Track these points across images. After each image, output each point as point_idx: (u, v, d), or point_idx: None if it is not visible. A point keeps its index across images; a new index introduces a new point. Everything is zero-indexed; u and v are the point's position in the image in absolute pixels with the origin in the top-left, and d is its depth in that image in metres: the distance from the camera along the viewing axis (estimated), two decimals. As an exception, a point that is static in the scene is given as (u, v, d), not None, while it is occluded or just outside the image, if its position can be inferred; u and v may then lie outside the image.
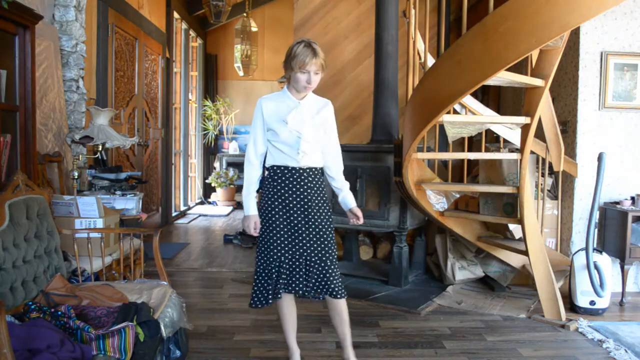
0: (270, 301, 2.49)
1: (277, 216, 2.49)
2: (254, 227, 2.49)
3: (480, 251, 4.12)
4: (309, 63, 2.36)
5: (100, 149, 3.92)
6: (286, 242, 2.49)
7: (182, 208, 8.17)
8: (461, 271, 4.17)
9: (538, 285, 3.47)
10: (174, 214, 7.52)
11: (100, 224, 3.12)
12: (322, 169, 2.60)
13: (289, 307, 2.61)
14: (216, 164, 9.41)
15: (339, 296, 2.50)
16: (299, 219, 2.48)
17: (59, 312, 2.04)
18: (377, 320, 3.43)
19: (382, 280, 4.25)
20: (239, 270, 4.70)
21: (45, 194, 2.67)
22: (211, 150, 9.52)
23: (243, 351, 2.91)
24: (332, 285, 2.49)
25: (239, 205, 9.03)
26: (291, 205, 2.48)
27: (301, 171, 2.49)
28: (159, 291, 2.52)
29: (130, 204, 3.74)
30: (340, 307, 2.56)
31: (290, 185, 2.48)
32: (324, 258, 2.49)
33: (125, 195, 3.80)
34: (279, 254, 2.48)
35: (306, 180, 2.49)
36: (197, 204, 9.06)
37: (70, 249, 2.86)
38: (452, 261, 4.20)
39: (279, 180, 2.49)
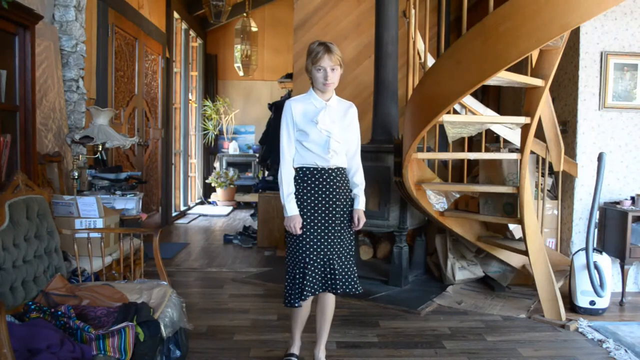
0: (304, 298, 2.49)
1: (309, 217, 2.54)
2: (298, 226, 2.51)
3: (480, 251, 4.12)
4: (322, 58, 2.44)
5: (100, 149, 3.92)
6: (313, 242, 2.53)
7: (182, 208, 8.17)
8: (461, 271, 4.17)
9: (538, 285, 3.47)
10: (174, 214, 7.52)
11: (100, 224, 3.12)
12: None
13: (306, 309, 2.65)
14: (216, 164, 9.41)
15: (354, 290, 2.59)
16: (326, 218, 2.54)
17: (59, 312, 2.04)
18: (377, 320, 3.43)
19: (382, 280, 4.25)
20: (239, 270, 4.70)
21: (45, 194, 2.67)
22: (211, 150, 9.53)
23: (243, 351, 2.91)
24: (350, 281, 2.58)
25: (239, 206, 9.04)
26: (320, 205, 2.54)
27: (330, 171, 2.55)
28: (159, 291, 2.52)
29: (130, 204, 3.74)
30: (331, 302, 2.67)
31: (321, 186, 2.54)
32: (346, 256, 2.60)
33: (125, 195, 3.80)
34: (307, 253, 2.52)
35: (335, 180, 2.56)
36: (197, 204, 9.06)
37: (70, 249, 2.86)
38: (452, 261, 4.20)
39: (309, 181, 2.55)
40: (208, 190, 9.33)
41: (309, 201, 2.54)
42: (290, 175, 2.56)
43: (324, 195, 2.53)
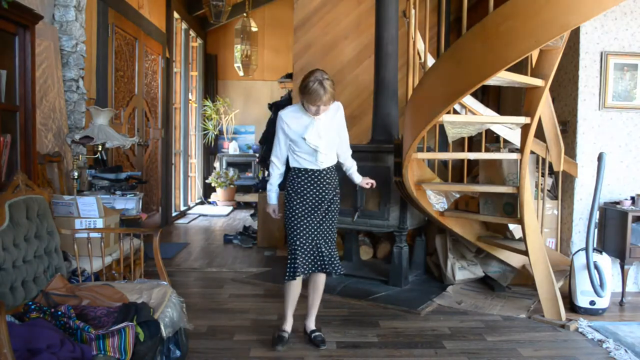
0: (297, 275, 2.87)
1: (299, 208, 2.92)
2: (273, 212, 3.08)
3: (480, 251, 4.12)
4: (319, 101, 2.74)
5: (100, 149, 3.92)
6: (303, 230, 2.92)
7: (182, 208, 8.17)
8: (461, 271, 4.17)
9: (538, 285, 3.47)
10: (174, 214, 7.52)
11: (100, 224, 3.12)
12: (336, 163, 3.06)
13: (297, 287, 2.98)
14: (216, 164, 9.41)
15: (337, 271, 2.95)
16: (315, 210, 2.93)
17: (59, 312, 2.04)
18: (377, 320, 3.43)
19: (382, 280, 4.25)
20: (239, 270, 4.70)
21: (45, 194, 2.67)
22: (211, 150, 9.53)
23: (243, 351, 2.91)
24: (334, 262, 2.97)
25: (239, 206, 9.05)
26: (311, 199, 2.93)
27: (321, 171, 2.95)
28: (159, 291, 2.52)
29: (130, 204, 3.75)
30: (322, 281, 3.05)
31: (311, 183, 2.93)
32: (331, 241, 2.99)
33: (125, 195, 3.80)
34: (297, 238, 2.91)
35: (325, 179, 2.95)
36: (197, 204, 9.06)
37: (70, 249, 2.86)
38: (452, 261, 4.20)
39: (302, 179, 2.94)
40: (208, 190, 9.33)
41: (301, 194, 2.92)
42: (276, 177, 3.02)
43: (315, 192, 2.93)
